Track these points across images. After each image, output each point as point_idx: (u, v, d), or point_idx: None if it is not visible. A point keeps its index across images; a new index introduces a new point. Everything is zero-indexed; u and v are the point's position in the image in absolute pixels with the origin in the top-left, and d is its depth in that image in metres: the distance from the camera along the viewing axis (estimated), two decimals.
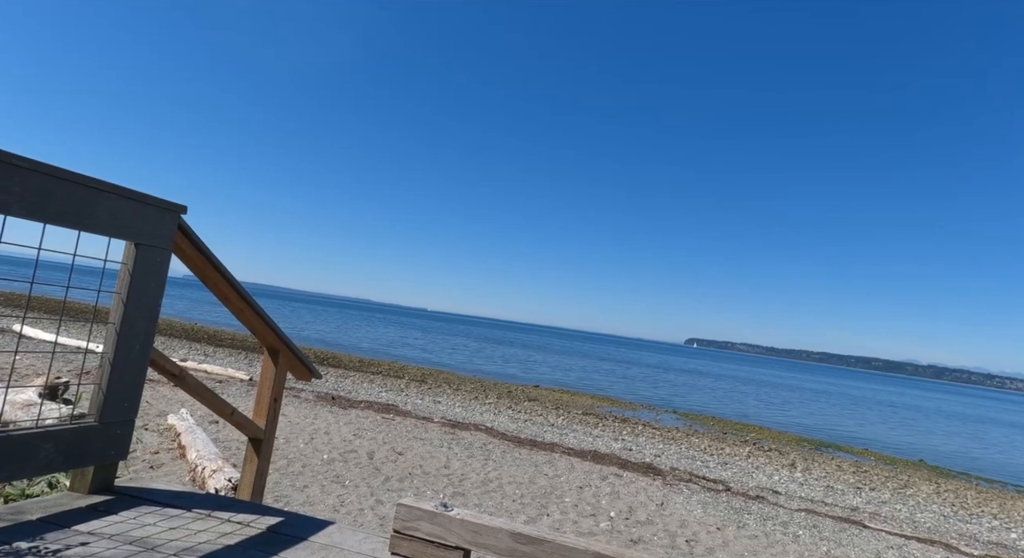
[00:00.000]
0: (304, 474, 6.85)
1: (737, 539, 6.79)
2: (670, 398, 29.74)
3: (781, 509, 8.84)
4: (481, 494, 7.13)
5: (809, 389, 60.93)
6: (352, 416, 11.10)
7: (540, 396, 21.54)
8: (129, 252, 2.38)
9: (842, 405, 43.16)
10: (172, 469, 6.05)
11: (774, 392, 47.87)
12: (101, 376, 2.34)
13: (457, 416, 13.55)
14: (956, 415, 50.09)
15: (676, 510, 7.71)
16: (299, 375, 3.54)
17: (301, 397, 12.52)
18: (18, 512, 2.18)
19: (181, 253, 2.67)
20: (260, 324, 3.09)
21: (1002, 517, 11.26)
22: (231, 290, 2.90)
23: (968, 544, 8.57)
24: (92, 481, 2.44)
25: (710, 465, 12.14)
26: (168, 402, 9.22)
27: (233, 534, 2.25)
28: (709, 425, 20.57)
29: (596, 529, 6.37)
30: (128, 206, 2.31)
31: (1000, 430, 39.44)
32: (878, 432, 27.42)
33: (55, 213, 2.06)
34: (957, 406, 70.26)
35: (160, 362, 2.63)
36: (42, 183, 2.00)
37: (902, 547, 7.59)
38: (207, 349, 20.42)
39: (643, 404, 24.73)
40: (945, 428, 35.28)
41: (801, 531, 7.62)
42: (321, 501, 5.95)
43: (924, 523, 9.69)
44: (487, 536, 2.07)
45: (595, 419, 17.10)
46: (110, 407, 2.34)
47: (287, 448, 7.87)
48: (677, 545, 6.23)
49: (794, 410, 33.35)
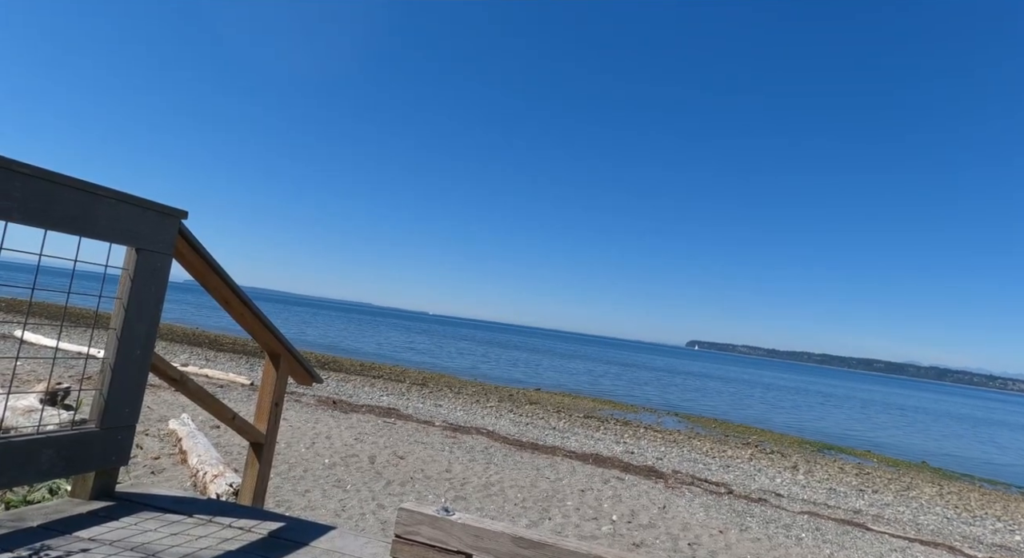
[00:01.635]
0: (306, 479, 6.83)
1: (740, 542, 6.77)
2: (672, 401, 29.70)
3: (784, 512, 8.81)
4: (483, 498, 7.12)
5: (811, 391, 60.83)
6: (353, 420, 11.09)
7: (541, 399, 21.51)
8: (130, 257, 2.38)
9: (844, 407, 43.07)
10: (174, 474, 6.04)
11: (776, 394, 47.80)
12: (102, 381, 2.34)
13: (458, 420, 13.53)
14: (959, 417, 49.98)
15: (678, 513, 7.69)
16: (300, 379, 3.53)
17: (302, 401, 12.51)
18: (19, 518, 2.18)
19: (182, 258, 2.67)
20: (261, 328, 3.09)
21: (1006, 519, 11.22)
22: (232, 294, 2.90)
23: (972, 547, 8.54)
24: (93, 487, 2.44)
25: (712, 468, 12.11)
26: (169, 407, 9.21)
27: (234, 539, 2.24)
28: (711, 428, 20.53)
29: (598, 532, 6.36)
30: (129, 211, 2.31)
31: (1003, 431, 39.35)
32: (880, 434, 27.36)
33: (56, 219, 2.06)
34: (960, 407, 70.11)
35: (161, 367, 2.63)
36: (43, 189, 2.00)
37: (905, 550, 7.56)
38: (208, 354, 20.42)
39: (645, 407, 24.70)
40: (948, 430, 35.19)
41: (804, 534, 7.59)
42: (323, 506, 5.94)
43: (927, 525, 9.65)
44: (489, 540, 2.07)
45: (597, 422, 17.08)
46: (111, 412, 2.34)
47: (288, 452, 7.86)
48: (679, 548, 6.21)
49: (796, 412, 33.28)
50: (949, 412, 56.19)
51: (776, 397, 44.28)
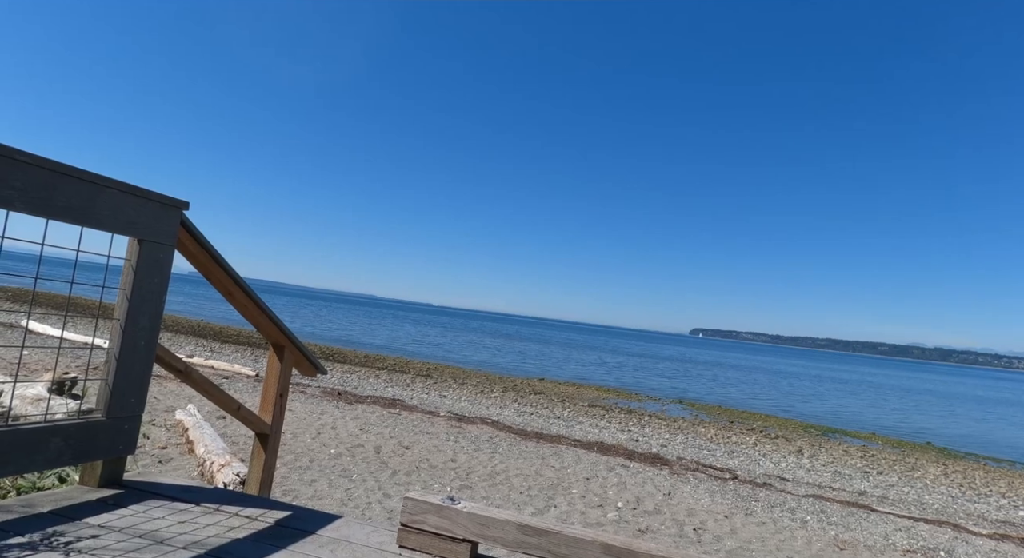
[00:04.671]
0: (312, 469, 6.88)
1: (745, 526, 6.80)
2: (676, 388, 29.76)
3: (788, 495, 8.84)
4: (488, 487, 7.15)
5: (815, 376, 60.83)
6: (358, 411, 11.14)
7: (546, 389, 21.57)
8: (132, 248, 2.38)
9: (850, 391, 43.08)
10: (180, 464, 6.09)
11: (781, 380, 47.84)
12: (107, 372, 2.35)
13: (463, 410, 13.58)
14: (963, 396, 49.90)
15: (683, 499, 7.72)
16: (304, 371, 3.54)
17: (307, 392, 12.57)
18: (29, 505, 2.20)
19: (184, 249, 2.66)
20: (264, 320, 3.09)
21: (1010, 496, 11.27)
22: (235, 286, 2.90)
23: (976, 524, 8.57)
24: (101, 475, 2.46)
25: (717, 454, 12.15)
26: (176, 397, 9.26)
27: (242, 528, 2.26)
28: (715, 414, 20.58)
29: (604, 519, 6.39)
30: (131, 202, 2.31)
31: (1007, 409, 39.36)
32: (885, 416, 27.39)
33: (58, 209, 2.06)
34: (965, 388, 70.05)
35: (166, 358, 2.64)
36: (45, 178, 2.00)
37: (910, 529, 7.59)
38: (213, 345, 20.50)
39: (649, 395, 24.76)
40: (952, 410, 35.19)
41: (809, 517, 7.63)
42: (329, 495, 5.98)
43: (932, 505, 9.68)
44: (494, 528, 2.08)
45: (601, 410, 17.13)
46: (117, 402, 2.35)
47: (294, 443, 7.90)
48: (685, 534, 6.24)
49: (800, 397, 33.31)
50: (954, 392, 56.19)
51: (781, 382, 44.32)
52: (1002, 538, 7.84)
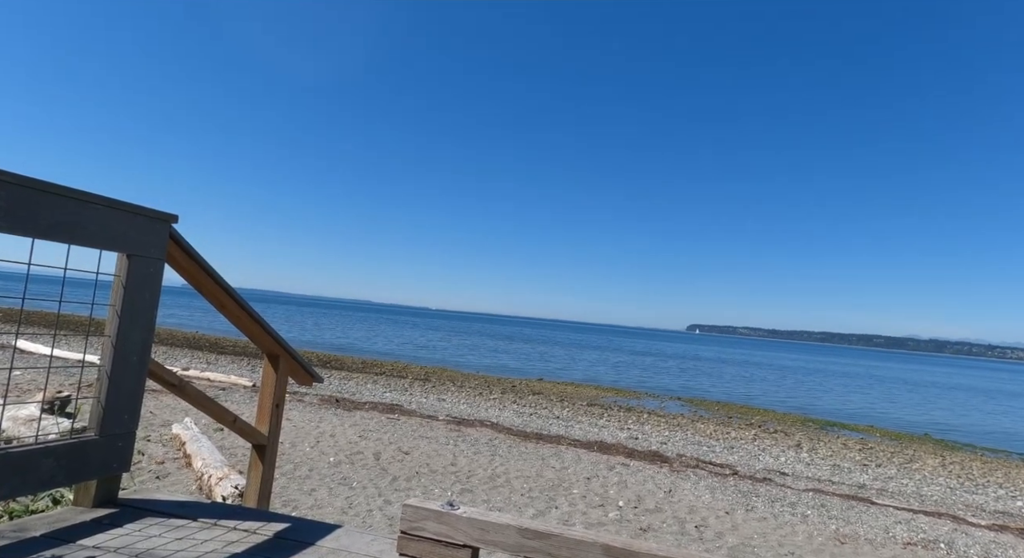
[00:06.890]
0: (311, 477, 6.85)
1: (746, 522, 6.81)
2: (675, 385, 29.80)
3: (788, 490, 8.86)
4: (489, 490, 7.14)
5: (811, 370, 61.06)
6: (357, 418, 11.10)
7: (544, 389, 21.57)
8: (121, 264, 2.36)
9: (846, 384, 43.24)
10: (179, 478, 6.05)
11: (778, 374, 47.97)
12: (100, 389, 2.32)
13: (462, 413, 13.56)
14: (959, 387, 50.17)
15: (684, 496, 7.72)
16: (300, 380, 3.52)
17: (305, 401, 12.52)
18: (21, 529, 2.17)
19: (174, 262, 2.65)
20: (258, 330, 3.07)
21: (1008, 486, 11.32)
22: (227, 297, 2.88)
23: (975, 514, 8.60)
24: (96, 494, 2.43)
25: (716, 450, 12.17)
26: (172, 411, 9.21)
27: (240, 542, 2.24)
28: (714, 410, 20.61)
29: (605, 519, 6.38)
30: (118, 217, 2.29)
31: (1002, 400, 39.56)
32: (883, 408, 27.48)
33: (44, 227, 2.04)
34: (960, 378, 70.40)
35: (159, 373, 2.62)
36: (29, 197, 1.98)
37: (910, 521, 7.61)
38: (209, 357, 20.41)
39: (647, 392, 24.79)
40: (948, 401, 35.35)
41: (809, 511, 7.64)
42: (329, 504, 5.95)
43: (931, 496, 9.72)
44: (494, 533, 2.07)
45: (600, 410, 17.13)
46: (110, 420, 2.33)
47: (293, 452, 7.87)
48: (687, 531, 6.24)
49: (798, 391, 33.41)
50: (949, 383, 56.47)
51: (779, 377, 44.45)
52: (1001, 529, 7.87)
